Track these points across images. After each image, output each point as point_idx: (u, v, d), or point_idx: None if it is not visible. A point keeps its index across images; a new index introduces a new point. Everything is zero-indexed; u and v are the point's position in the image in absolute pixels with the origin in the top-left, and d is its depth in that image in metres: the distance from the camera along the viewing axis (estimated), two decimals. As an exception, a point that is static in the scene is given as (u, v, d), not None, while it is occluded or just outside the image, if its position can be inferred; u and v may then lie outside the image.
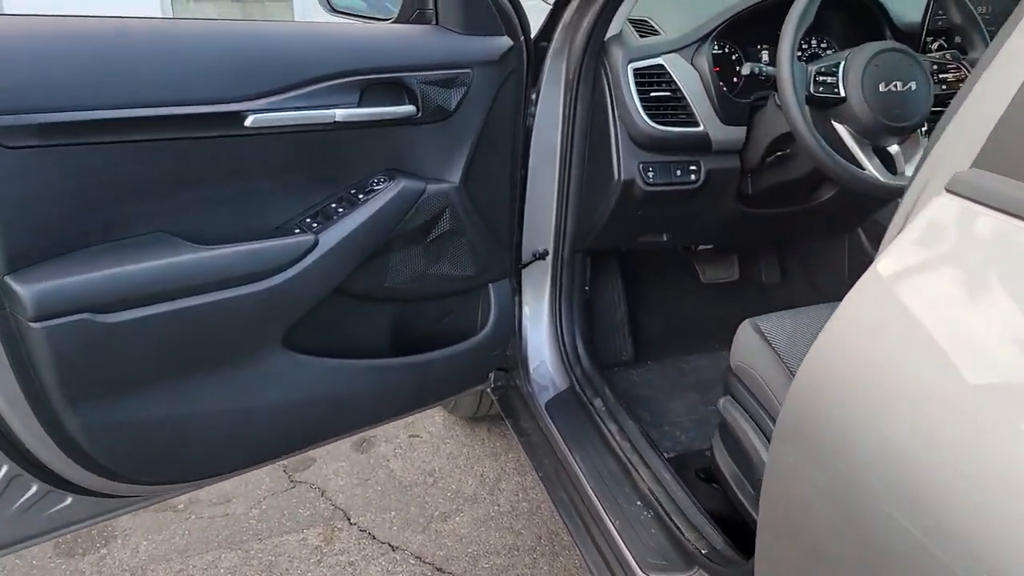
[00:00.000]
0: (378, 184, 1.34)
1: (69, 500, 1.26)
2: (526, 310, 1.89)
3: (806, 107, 1.45)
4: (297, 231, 1.27)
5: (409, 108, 1.32)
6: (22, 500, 1.21)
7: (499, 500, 2.11)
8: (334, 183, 1.32)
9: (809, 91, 1.48)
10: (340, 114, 1.23)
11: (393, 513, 2.04)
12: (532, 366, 1.87)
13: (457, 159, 1.41)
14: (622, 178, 1.72)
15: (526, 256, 1.82)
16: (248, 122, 1.14)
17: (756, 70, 1.60)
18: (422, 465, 2.24)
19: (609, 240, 1.92)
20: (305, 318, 1.30)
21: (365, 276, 1.36)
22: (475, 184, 1.45)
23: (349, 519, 2.02)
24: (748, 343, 1.28)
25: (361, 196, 1.33)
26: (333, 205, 1.32)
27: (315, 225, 1.28)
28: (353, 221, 1.29)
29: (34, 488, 1.21)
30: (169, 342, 1.15)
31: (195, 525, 1.98)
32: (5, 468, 1.16)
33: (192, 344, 1.18)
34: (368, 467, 2.22)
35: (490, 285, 1.60)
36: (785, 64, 1.43)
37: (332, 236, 1.27)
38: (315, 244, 1.25)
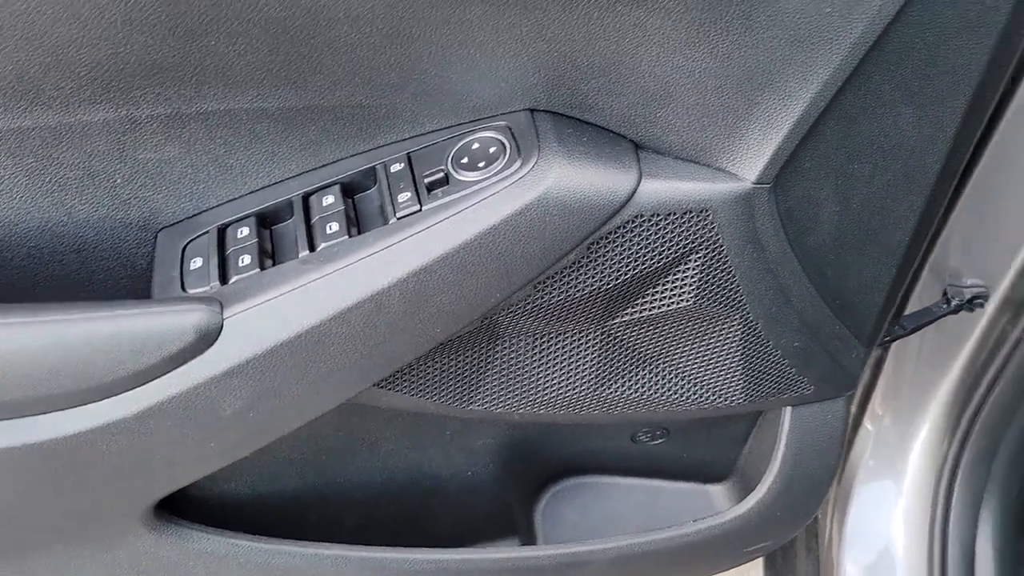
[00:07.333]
0: (488, 158, 0.58)
1: None
2: (868, 437, 0.97)
3: None
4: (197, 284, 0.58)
5: None
6: None
7: None
8: (339, 126, 0.59)
9: None
10: None
11: None
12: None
13: (768, 103, 0.56)
14: None
15: (922, 300, 0.88)
16: None
17: None
18: None
19: None
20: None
21: (415, 381, 0.66)
22: (823, 178, 0.61)
23: None
24: None
25: (427, 180, 0.58)
26: (330, 201, 0.59)
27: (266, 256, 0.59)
28: (378, 261, 0.57)
29: None
30: None
31: None
32: None
33: None
34: None
35: (787, 409, 0.80)
36: None
37: (315, 298, 0.57)
38: (216, 329, 0.56)
